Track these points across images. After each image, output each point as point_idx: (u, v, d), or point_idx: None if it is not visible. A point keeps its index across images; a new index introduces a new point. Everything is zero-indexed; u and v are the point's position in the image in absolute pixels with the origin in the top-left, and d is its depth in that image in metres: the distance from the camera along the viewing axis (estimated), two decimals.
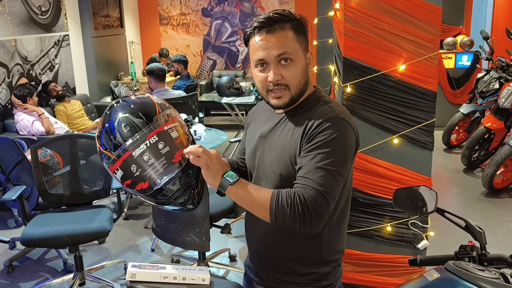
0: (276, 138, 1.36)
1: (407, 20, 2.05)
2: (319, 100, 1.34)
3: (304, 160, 1.25)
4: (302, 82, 1.31)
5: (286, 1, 8.27)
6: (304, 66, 1.31)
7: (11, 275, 3.24)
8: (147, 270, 1.30)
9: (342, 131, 1.25)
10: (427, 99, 2.13)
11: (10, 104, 4.94)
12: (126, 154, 1.23)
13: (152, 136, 1.24)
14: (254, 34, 1.30)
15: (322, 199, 1.20)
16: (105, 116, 1.30)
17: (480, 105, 5.26)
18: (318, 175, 1.21)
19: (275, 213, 1.22)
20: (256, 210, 1.26)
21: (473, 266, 1.22)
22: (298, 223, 1.20)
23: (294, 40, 1.28)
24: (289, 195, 1.22)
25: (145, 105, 1.29)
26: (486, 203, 4.24)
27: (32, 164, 2.97)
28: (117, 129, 1.25)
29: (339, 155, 1.24)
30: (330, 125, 1.24)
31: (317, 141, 1.24)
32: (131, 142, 1.23)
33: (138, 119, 1.25)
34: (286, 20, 1.28)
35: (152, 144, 1.23)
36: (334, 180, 1.23)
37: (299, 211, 1.19)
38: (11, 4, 5.02)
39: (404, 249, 2.29)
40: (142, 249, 3.55)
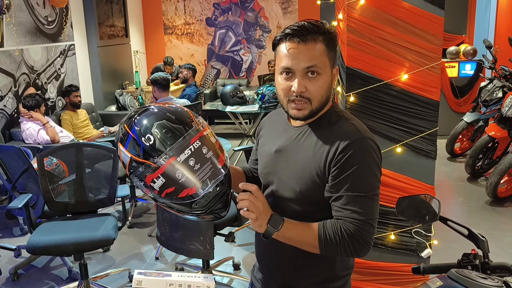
0: (295, 154, 1.32)
1: (410, 30, 2.08)
2: (339, 116, 1.31)
3: (340, 188, 1.23)
4: (324, 97, 1.28)
5: (289, 11, 8.33)
6: (330, 82, 1.29)
7: (17, 283, 3.26)
8: (153, 277, 1.32)
9: (370, 152, 1.25)
10: (430, 108, 2.15)
11: (17, 113, 4.99)
12: (171, 160, 1.18)
13: (195, 141, 1.21)
14: (285, 40, 1.26)
15: (369, 227, 1.24)
16: (129, 124, 1.24)
17: (484, 114, 5.27)
18: (359, 204, 1.22)
19: (326, 251, 1.25)
20: (305, 248, 1.27)
21: (476, 274, 1.23)
22: (350, 254, 1.25)
23: (324, 55, 1.25)
24: (336, 231, 1.23)
25: (179, 111, 1.26)
26: (490, 212, 4.23)
27: (38, 173, 2.99)
28: (155, 136, 1.19)
29: (372, 176, 1.25)
30: (359, 147, 1.23)
31: (349, 167, 1.22)
32: (175, 147, 1.18)
33: (176, 125, 1.21)
34: (320, 32, 1.25)
35: (196, 149, 1.20)
36: (374, 204, 1.25)
37: (349, 246, 1.23)
38: (18, 15, 5.09)
39: (407, 258, 2.29)
40: (146, 257, 3.56)
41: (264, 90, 5.59)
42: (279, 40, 1.29)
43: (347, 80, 2.15)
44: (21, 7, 5.16)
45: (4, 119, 4.85)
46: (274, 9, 8.39)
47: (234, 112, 5.79)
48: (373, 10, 2.07)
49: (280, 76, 1.29)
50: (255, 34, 8.53)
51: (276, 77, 1.31)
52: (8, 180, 3.55)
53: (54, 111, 5.75)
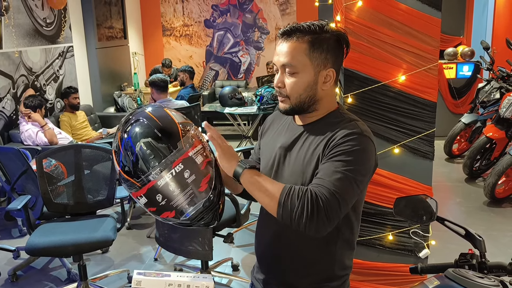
0: (297, 151, 1.33)
1: (407, 32, 2.09)
2: (343, 117, 1.32)
3: (323, 166, 1.23)
4: (303, 97, 1.29)
5: (288, 12, 8.35)
6: (309, 82, 1.28)
7: (15, 284, 3.26)
8: (152, 277, 1.33)
9: (366, 147, 1.24)
10: (427, 109, 2.16)
11: (15, 115, 5.00)
12: (151, 184, 1.19)
13: (177, 165, 1.19)
14: (278, 38, 1.32)
15: (335, 201, 1.16)
16: (122, 132, 1.25)
17: (481, 115, 5.29)
18: (334, 177, 1.18)
19: (284, 204, 1.17)
20: (266, 199, 1.22)
21: (473, 273, 1.24)
22: (305, 219, 1.15)
23: (304, 54, 1.26)
24: (302, 189, 1.18)
25: (168, 127, 1.23)
26: (488, 212, 4.25)
27: (37, 174, 3.00)
28: (139, 155, 1.19)
29: (359, 166, 1.22)
30: (355, 138, 1.23)
31: (339, 150, 1.22)
32: (156, 171, 1.18)
33: (161, 144, 1.20)
34: (308, 32, 1.26)
35: (177, 173, 1.19)
36: (350, 186, 1.20)
37: (308, 206, 1.14)
38: (16, 17, 5.09)
39: (405, 258, 2.30)
40: (145, 258, 3.56)
41: (262, 92, 5.60)
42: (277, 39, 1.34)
43: (344, 81, 2.16)
44: (19, 9, 5.17)
45: (3, 121, 4.85)
46: (272, 11, 8.41)
47: (232, 114, 5.80)
48: (371, 12, 2.09)
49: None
50: (253, 36, 8.55)
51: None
52: (7, 182, 3.55)
53: (53, 112, 5.76)
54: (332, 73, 1.30)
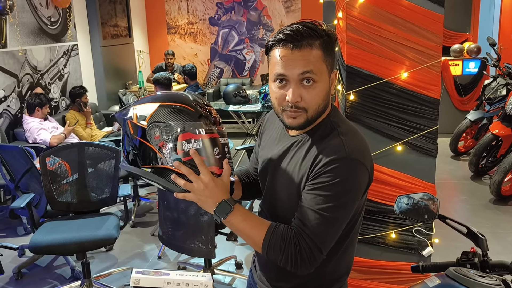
0: (285, 165, 1.28)
1: (409, 28, 2.07)
2: (333, 129, 1.22)
3: (306, 198, 1.18)
4: (321, 106, 1.20)
5: (292, 9, 8.32)
6: (327, 89, 1.20)
7: (20, 282, 3.28)
8: (151, 276, 1.32)
9: (350, 175, 1.16)
10: (430, 106, 2.14)
11: (20, 113, 5.02)
12: (220, 128, 1.22)
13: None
14: (278, 46, 1.17)
15: (316, 250, 1.15)
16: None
17: (488, 112, 5.25)
18: (315, 221, 1.15)
19: (268, 253, 1.18)
20: (250, 244, 1.23)
21: (474, 272, 1.23)
22: (289, 266, 1.17)
23: (321, 61, 1.16)
24: (284, 238, 1.16)
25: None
26: (494, 210, 4.22)
27: (41, 172, 3.01)
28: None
29: (340, 200, 1.16)
30: (337, 166, 1.15)
31: (321, 181, 1.16)
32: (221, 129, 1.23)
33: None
34: (316, 36, 1.15)
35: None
36: (331, 229, 1.17)
37: (291, 258, 1.15)
38: (21, 15, 5.11)
39: (408, 256, 2.29)
40: (149, 257, 3.57)
41: (267, 89, 5.58)
42: (271, 46, 1.19)
43: (347, 78, 2.15)
44: (24, 7, 5.18)
45: (8, 119, 4.88)
46: (277, 8, 8.39)
47: (237, 111, 5.80)
48: (373, 8, 2.07)
49: (273, 83, 1.21)
50: (258, 33, 8.53)
51: (270, 85, 1.23)
52: (11, 180, 3.57)
53: (58, 111, 5.78)
54: (335, 75, 1.23)
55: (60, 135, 4.64)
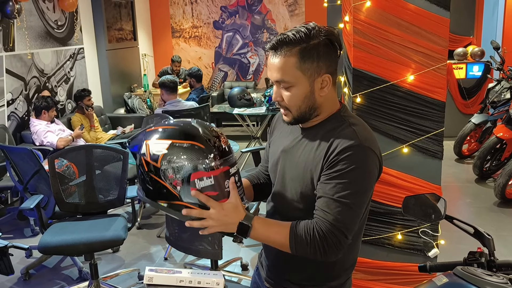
0: (298, 156, 1.33)
1: (415, 32, 2.10)
2: (344, 121, 1.30)
3: (324, 188, 1.24)
4: (303, 107, 1.28)
5: (296, 13, 8.36)
6: (306, 93, 1.27)
7: (28, 283, 3.31)
8: (164, 274, 1.35)
9: (365, 161, 1.23)
10: (436, 108, 2.16)
11: (27, 116, 5.07)
12: (226, 168, 1.23)
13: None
14: (268, 50, 1.29)
15: (341, 234, 1.21)
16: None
17: (492, 115, 5.26)
18: (337, 209, 1.21)
19: (296, 250, 1.24)
20: (278, 247, 1.28)
21: (482, 271, 1.25)
22: (319, 256, 1.22)
23: (295, 68, 1.24)
24: (308, 231, 1.22)
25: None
26: (499, 213, 4.23)
27: (49, 174, 3.04)
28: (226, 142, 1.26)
29: (358, 186, 1.23)
30: (352, 153, 1.21)
31: (337, 170, 1.22)
32: (233, 157, 1.26)
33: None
34: (296, 42, 1.23)
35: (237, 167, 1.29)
36: (353, 214, 1.23)
37: (319, 246, 1.21)
38: (28, 19, 5.16)
39: (414, 257, 2.31)
40: (155, 258, 3.60)
41: (271, 92, 5.61)
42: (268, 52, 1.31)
43: (353, 81, 2.17)
44: (31, 11, 5.24)
45: (15, 122, 4.92)
46: (281, 12, 8.43)
47: (241, 114, 5.83)
48: (379, 12, 2.10)
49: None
50: (262, 37, 8.57)
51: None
52: (19, 182, 3.60)
53: (64, 114, 5.83)
54: (328, 78, 1.28)
55: (67, 137, 4.68)
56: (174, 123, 1.28)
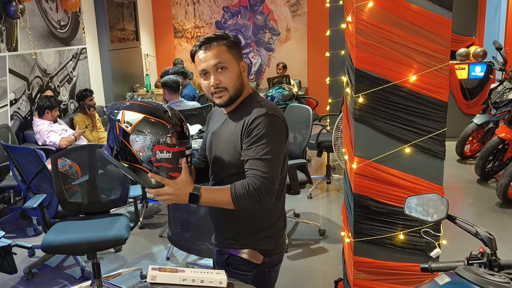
0: (223, 134, 1.70)
1: (418, 32, 2.10)
2: (253, 101, 1.67)
3: (248, 152, 1.57)
4: (237, 84, 1.65)
5: (298, 13, 8.37)
6: (238, 72, 1.65)
7: (31, 282, 3.32)
8: (167, 272, 1.36)
9: (272, 124, 1.58)
10: (438, 109, 2.16)
11: (30, 116, 5.08)
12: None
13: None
14: (198, 51, 1.63)
15: (269, 183, 1.55)
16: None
17: (494, 116, 5.25)
18: (261, 164, 1.55)
19: (239, 204, 1.55)
20: (225, 206, 1.58)
21: (484, 271, 1.25)
22: (257, 203, 1.54)
23: (227, 52, 1.62)
24: (244, 186, 1.54)
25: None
26: (501, 213, 4.22)
27: (52, 174, 3.06)
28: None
29: (272, 143, 1.57)
30: (262, 120, 1.57)
31: (254, 135, 1.57)
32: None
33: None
34: (220, 38, 1.62)
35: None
36: (274, 165, 1.57)
37: (255, 196, 1.53)
38: (32, 19, 5.18)
39: (416, 257, 2.31)
40: (157, 257, 3.61)
41: (273, 93, 5.62)
42: (194, 52, 1.66)
43: (356, 81, 2.18)
44: (34, 11, 5.26)
45: (18, 121, 4.94)
46: (283, 12, 8.44)
47: None
48: (382, 13, 2.10)
49: (201, 79, 1.67)
50: (264, 37, 8.58)
51: (200, 81, 1.68)
52: (22, 181, 3.62)
53: (67, 113, 5.84)
54: (245, 63, 1.69)
55: (70, 137, 4.69)
56: (149, 102, 1.58)
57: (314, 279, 3.26)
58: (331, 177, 5.10)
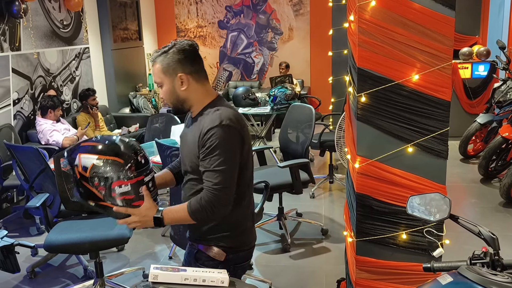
0: (188, 138, 1.78)
1: (420, 31, 2.09)
2: (213, 108, 1.71)
3: (204, 164, 1.65)
4: (172, 99, 1.76)
5: (301, 13, 8.36)
6: (170, 89, 1.74)
7: (34, 281, 3.33)
8: (169, 272, 1.36)
9: (225, 135, 1.63)
10: (441, 108, 2.16)
11: (33, 115, 5.09)
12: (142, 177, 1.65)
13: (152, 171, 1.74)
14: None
15: (221, 193, 1.62)
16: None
17: (497, 115, 5.23)
18: (214, 176, 1.63)
19: (197, 218, 1.66)
20: (187, 222, 1.71)
21: (486, 271, 1.25)
22: (211, 214, 1.64)
23: (160, 71, 1.72)
24: (198, 201, 1.64)
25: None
26: (504, 213, 4.21)
27: (55, 173, 3.05)
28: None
29: (225, 155, 1.63)
30: (215, 131, 1.63)
31: (208, 147, 1.64)
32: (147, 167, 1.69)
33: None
34: (162, 53, 1.71)
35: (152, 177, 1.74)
36: (227, 176, 1.63)
37: (208, 209, 1.63)
38: (34, 19, 5.19)
39: (419, 257, 2.30)
40: (160, 257, 3.61)
41: (276, 92, 5.62)
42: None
43: (358, 80, 2.17)
44: (37, 11, 5.27)
45: (21, 121, 4.95)
46: (286, 11, 8.43)
47: (246, 114, 5.83)
48: (384, 12, 2.09)
49: None
50: (267, 37, 8.57)
51: None
52: (25, 180, 3.63)
53: (69, 113, 5.85)
54: (185, 76, 1.71)
55: (73, 137, 4.70)
56: (101, 140, 1.66)
57: (317, 278, 3.26)
58: (334, 176, 5.09)
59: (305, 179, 3.69)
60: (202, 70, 1.77)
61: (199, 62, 1.75)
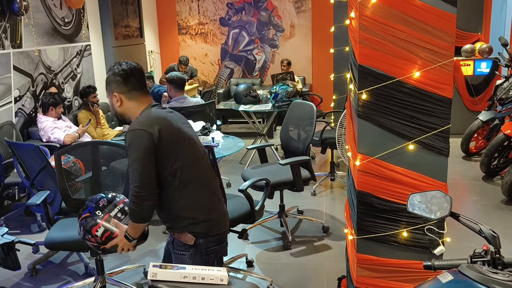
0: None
1: (422, 28, 2.08)
2: (137, 117, 1.99)
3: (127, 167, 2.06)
4: (113, 111, 2.10)
5: (303, 10, 8.34)
6: (111, 103, 2.08)
7: (35, 278, 3.33)
8: (168, 270, 1.36)
9: (133, 138, 1.88)
10: (442, 105, 2.15)
11: (35, 113, 5.10)
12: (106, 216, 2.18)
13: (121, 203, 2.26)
14: None
15: (139, 189, 1.87)
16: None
17: (500, 112, 5.21)
18: (131, 177, 1.89)
19: (135, 219, 1.98)
20: (140, 227, 2.04)
21: (487, 269, 1.24)
22: (139, 211, 1.91)
23: (106, 89, 2.08)
24: (129, 205, 1.98)
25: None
26: (506, 211, 4.20)
27: (56, 170, 3.06)
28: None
29: (136, 154, 1.87)
30: (126, 136, 1.91)
31: (125, 151, 1.93)
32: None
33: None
34: (108, 72, 2.06)
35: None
36: (141, 173, 1.87)
37: (134, 208, 1.91)
38: (36, 16, 5.19)
39: (420, 255, 2.30)
40: (160, 254, 3.60)
41: (277, 89, 5.61)
42: None
43: (359, 77, 2.16)
44: (38, 8, 5.26)
45: (23, 118, 4.96)
46: (287, 8, 8.41)
47: (247, 111, 5.83)
48: (385, 8, 2.08)
49: None
50: (268, 34, 8.56)
51: None
52: (26, 178, 3.63)
53: (71, 110, 5.85)
54: (118, 96, 2.02)
55: (74, 134, 4.70)
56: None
57: (318, 276, 3.25)
58: (335, 174, 5.08)
59: (306, 177, 3.69)
60: (137, 89, 2.01)
61: (133, 83, 2.01)
